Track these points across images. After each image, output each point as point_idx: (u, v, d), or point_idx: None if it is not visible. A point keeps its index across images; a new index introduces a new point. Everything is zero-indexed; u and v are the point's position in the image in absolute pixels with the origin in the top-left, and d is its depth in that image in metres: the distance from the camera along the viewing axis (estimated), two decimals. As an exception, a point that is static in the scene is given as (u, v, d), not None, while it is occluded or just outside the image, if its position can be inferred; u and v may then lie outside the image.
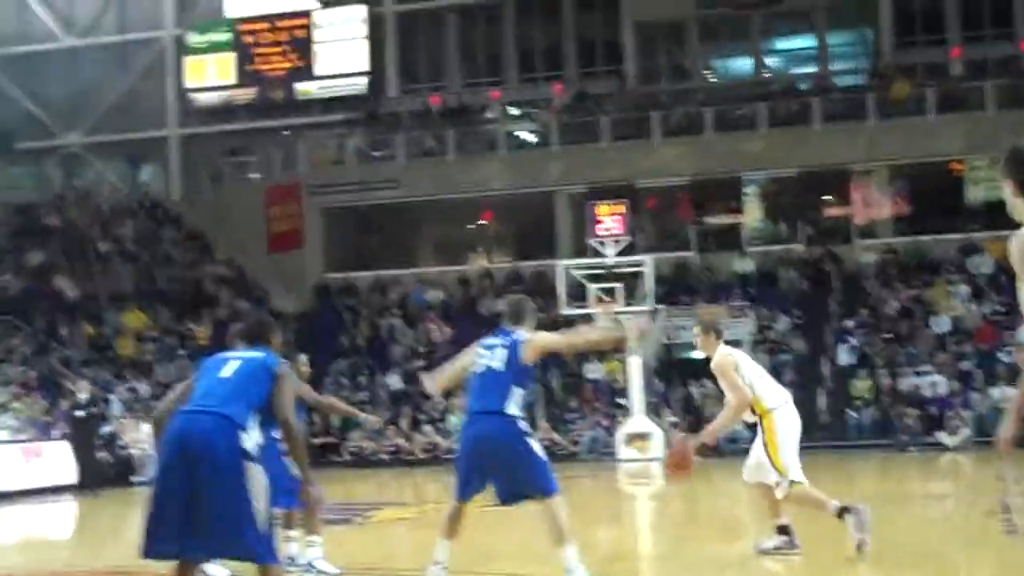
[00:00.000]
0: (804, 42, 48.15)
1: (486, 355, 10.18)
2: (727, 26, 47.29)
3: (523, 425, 10.09)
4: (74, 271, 40.73)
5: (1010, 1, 43.49)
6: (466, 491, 10.12)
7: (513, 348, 10.12)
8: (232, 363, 7.79)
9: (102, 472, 27.21)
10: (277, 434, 9.12)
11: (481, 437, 9.99)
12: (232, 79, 49.45)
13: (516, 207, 43.37)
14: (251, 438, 7.44)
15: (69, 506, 24.17)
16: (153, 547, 7.36)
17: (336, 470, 30.13)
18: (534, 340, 10.19)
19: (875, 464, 27.94)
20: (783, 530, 11.82)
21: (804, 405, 32.46)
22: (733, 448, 31.04)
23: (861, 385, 32.80)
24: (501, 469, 9.96)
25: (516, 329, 10.32)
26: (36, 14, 51.44)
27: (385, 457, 32.88)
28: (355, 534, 15.75)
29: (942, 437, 30.71)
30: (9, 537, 19.16)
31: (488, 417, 9.99)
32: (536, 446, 10.11)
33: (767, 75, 47.25)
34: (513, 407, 10.01)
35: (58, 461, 27.40)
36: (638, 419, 30.76)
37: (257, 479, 7.36)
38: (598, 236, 31.92)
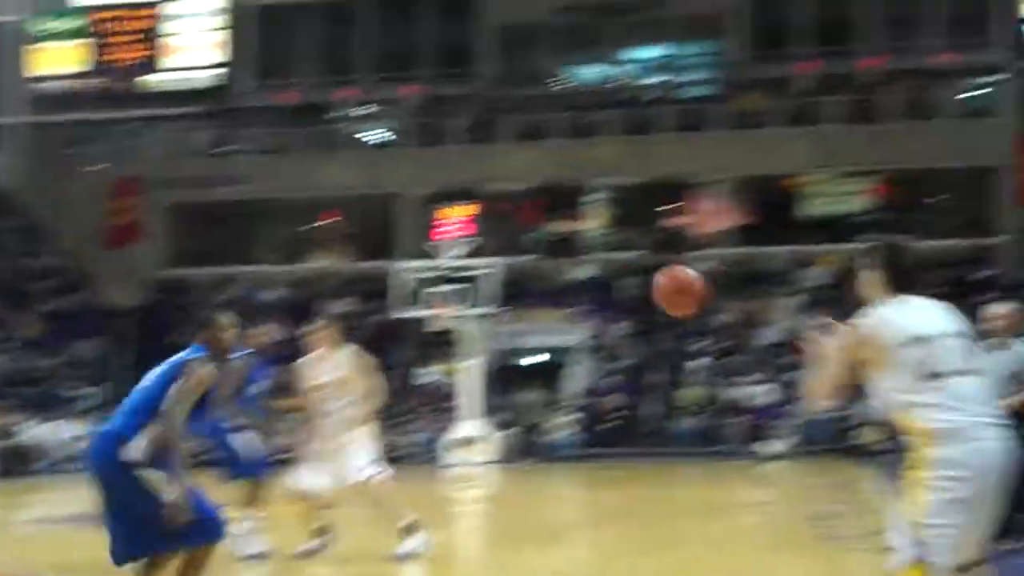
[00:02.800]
0: (655, 52, 48.63)
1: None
2: (580, 33, 47.59)
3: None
4: None
5: (858, 19, 44.48)
6: None
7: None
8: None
9: None
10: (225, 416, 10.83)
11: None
12: (80, 68, 48.50)
13: (363, 207, 43.15)
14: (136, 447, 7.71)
15: None
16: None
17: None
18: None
19: (701, 472, 28.29)
20: (321, 531, 12.16)
21: (635, 412, 33.35)
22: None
23: (690, 394, 33.20)
24: None
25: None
26: None
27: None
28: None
29: (767, 445, 31.23)
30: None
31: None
32: None
33: (617, 83, 47.62)
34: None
35: None
36: (467, 423, 30.73)
37: (154, 480, 7.67)
38: (441, 239, 31.86)
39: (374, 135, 44.66)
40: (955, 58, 42.87)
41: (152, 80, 47.71)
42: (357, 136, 43.62)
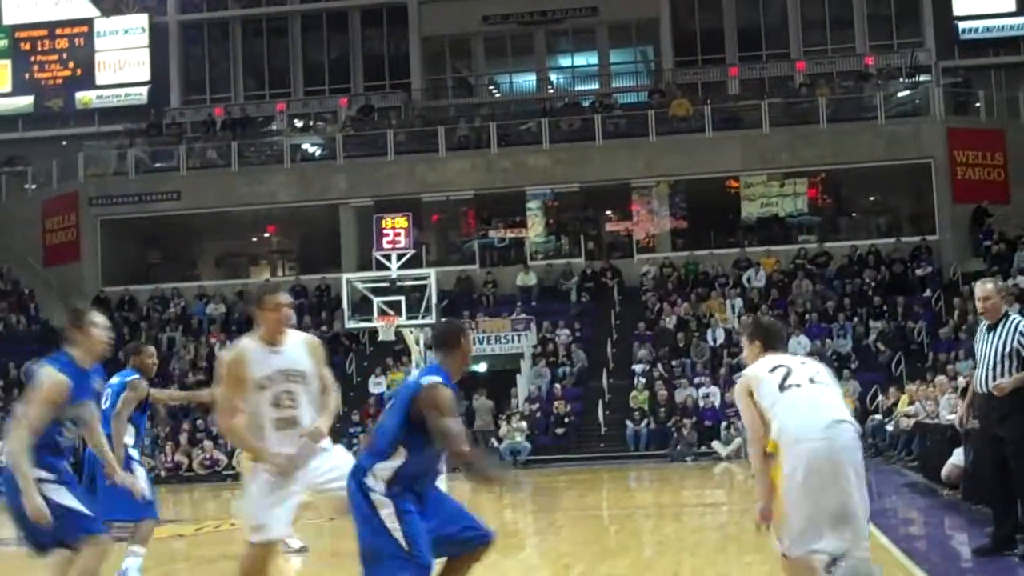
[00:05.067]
0: (587, 59, 48.98)
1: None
2: (512, 42, 47.82)
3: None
4: None
5: (785, 22, 45.03)
6: None
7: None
8: None
9: None
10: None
11: None
12: (7, 87, 48.21)
13: (301, 220, 43.09)
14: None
15: None
16: None
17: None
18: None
19: (652, 474, 28.46)
20: None
21: (584, 417, 33.47)
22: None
23: (639, 397, 33.34)
24: None
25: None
26: None
27: (162, 473, 32.21)
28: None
29: (716, 447, 31.46)
30: None
31: None
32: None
33: (551, 91, 47.86)
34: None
35: None
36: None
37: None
38: (383, 249, 31.78)
39: (310, 147, 44.42)
40: (885, 58, 43.50)
41: (83, 97, 47.49)
42: (293, 148, 43.21)
